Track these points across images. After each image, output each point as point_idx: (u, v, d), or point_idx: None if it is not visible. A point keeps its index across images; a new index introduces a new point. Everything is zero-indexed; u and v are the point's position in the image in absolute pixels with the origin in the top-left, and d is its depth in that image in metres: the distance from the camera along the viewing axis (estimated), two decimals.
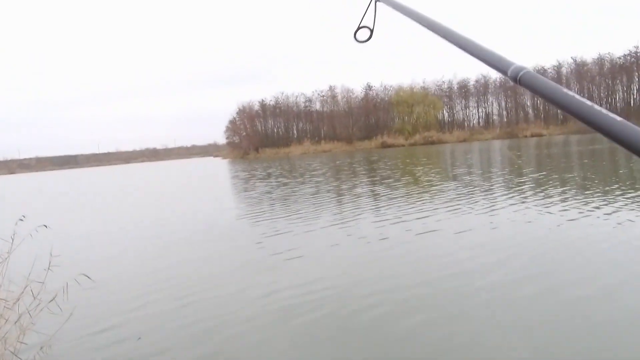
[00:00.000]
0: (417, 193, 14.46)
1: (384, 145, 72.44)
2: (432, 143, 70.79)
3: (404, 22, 1.34)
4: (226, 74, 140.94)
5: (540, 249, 6.82)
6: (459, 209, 10.81)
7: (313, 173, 28.48)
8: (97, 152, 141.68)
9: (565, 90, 0.81)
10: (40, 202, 26.09)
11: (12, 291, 5.67)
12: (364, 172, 25.91)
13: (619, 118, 0.71)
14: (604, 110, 0.73)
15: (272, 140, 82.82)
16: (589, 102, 0.76)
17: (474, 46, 1.08)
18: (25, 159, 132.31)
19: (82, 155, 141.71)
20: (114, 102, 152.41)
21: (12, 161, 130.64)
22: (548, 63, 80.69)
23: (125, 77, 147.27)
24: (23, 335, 4.94)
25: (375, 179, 20.78)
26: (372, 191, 15.78)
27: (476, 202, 11.64)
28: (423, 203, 12.17)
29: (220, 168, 51.10)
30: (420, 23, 1.30)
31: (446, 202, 12.02)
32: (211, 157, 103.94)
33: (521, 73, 0.92)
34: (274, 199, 16.06)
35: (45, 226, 6.77)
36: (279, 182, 23.62)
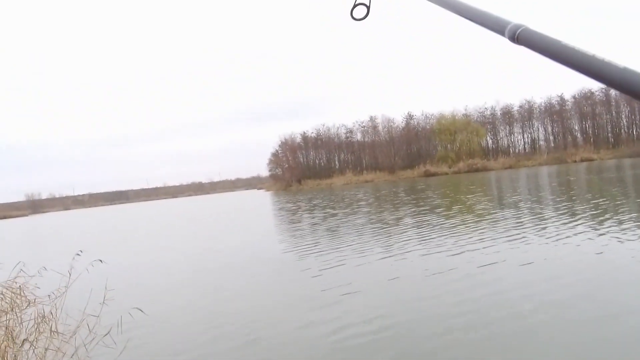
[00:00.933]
0: (473, 222, 13.95)
1: (427, 174, 71.41)
2: (477, 170, 69.25)
3: None
4: (266, 108, 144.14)
5: (618, 283, 6.30)
6: (520, 238, 10.28)
7: (360, 203, 28.21)
8: (146, 187, 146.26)
9: (564, 42, 0.79)
10: (95, 237, 26.85)
11: (69, 325, 5.69)
12: (412, 202, 25.40)
13: (621, 65, 0.71)
14: (607, 59, 0.73)
15: (314, 172, 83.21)
16: (590, 52, 0.75)
17: (467, 8, 1.04)
18: (79, 195, 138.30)
19: (131, 190, 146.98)
20: (160, 139, 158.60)
21: (67, 198, 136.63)
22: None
23: (170, 115, 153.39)
24: None
25: (426, 208, 20.30)
26: (425, 221, 15.35)
27: (536, 231, 11.06)
28: (480, 233, 11.69)
29: (265, 200, 51.53)
30: None
31: (504, 231, 11.50)
32: (255, 190, 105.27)
33: (519, 31, 0.88)
34: (323, 231, 15.88)
35: (101, 260, 6.83)
36: (326, 213, 23.47)
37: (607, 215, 12.32)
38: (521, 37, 0.88)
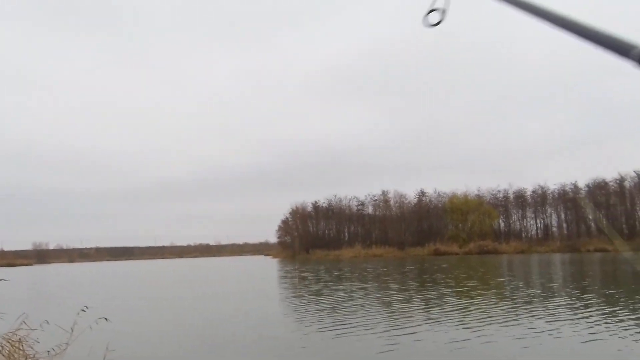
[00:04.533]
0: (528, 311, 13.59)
1: (437, 253, 70.30)
2: (488, 252, 68.05)
3: (482, 3, 1.25)
4: (277, 174, 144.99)
5: None
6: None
7: (385, 279, 27.76)
8: (153, 246, 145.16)
9: None
10: (102, 293, 26.37)
11: None
12: (442, 281, 24.77)
13: None
14: None
15: (323, 242, 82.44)
16: None
17: (581, 27, 0.92)
18: (85, 249, 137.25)
19: (138, 247, 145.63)
20: (170, 198, 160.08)
21: (74, 250, 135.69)
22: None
23: (180, 173, 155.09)
24: None
25: (463, 289, 19.89)
26: (476, 305, 15.01)
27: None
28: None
29: (276, 268, 50.84)
30: (506, 1, 1.17)
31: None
32: (262, 256, 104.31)
33: None
34: (349, 306, 15.53)
35: (106, 319, 6.66)
36: (353, 286, 23.05)
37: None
38: None
